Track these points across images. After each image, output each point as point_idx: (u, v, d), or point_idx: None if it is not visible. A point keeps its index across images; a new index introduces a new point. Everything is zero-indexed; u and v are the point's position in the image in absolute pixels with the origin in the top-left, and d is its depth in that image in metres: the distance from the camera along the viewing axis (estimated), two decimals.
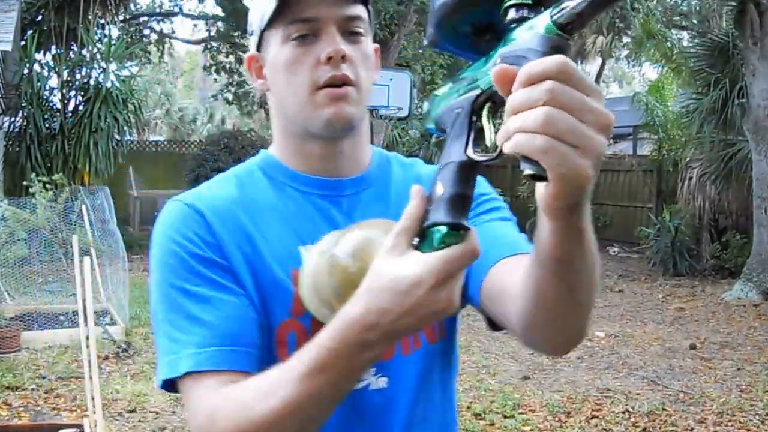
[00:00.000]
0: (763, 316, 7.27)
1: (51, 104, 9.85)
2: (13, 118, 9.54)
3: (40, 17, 10.33)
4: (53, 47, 10.26)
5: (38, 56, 10.04)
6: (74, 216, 6.39)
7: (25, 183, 7.04)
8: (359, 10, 0.89)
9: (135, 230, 11.63)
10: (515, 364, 5.54)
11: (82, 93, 9.84)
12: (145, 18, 14.11)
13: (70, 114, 9.75)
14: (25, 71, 9.42)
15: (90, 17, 10.16)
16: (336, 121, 0.87)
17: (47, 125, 9.50)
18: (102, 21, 11.01)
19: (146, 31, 14.05)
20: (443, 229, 0.64)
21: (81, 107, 9.73)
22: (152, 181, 13.02)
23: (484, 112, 0.66)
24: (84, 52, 10.12)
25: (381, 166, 0.99)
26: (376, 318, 0.65)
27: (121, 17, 12.12)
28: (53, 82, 9.89)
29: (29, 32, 9.86)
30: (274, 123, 0.97)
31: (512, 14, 0.61)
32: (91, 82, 9.83)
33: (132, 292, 6.77)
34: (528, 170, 0.57)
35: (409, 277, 0.64)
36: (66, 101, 9.81)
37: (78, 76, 9.96)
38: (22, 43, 9.56)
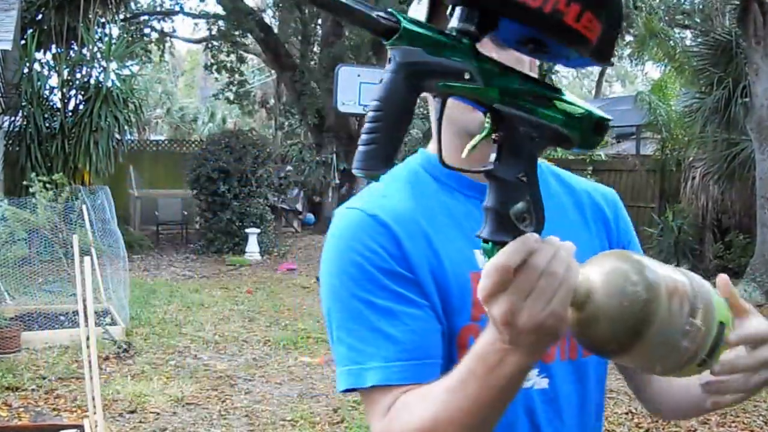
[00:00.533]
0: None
1: (51, 103, 9.85)
2: (13, 118, 9.54)
3: (40, 16, 10.32)
4: (53, 46, 10.25)
5: (38, 55, 10.03)
6: (74, 216, 6.42)
7: (25, 183, 7.04)
8: None
9: (135, 230, 11.64)
10: None
11: (83, 92, 9.84)
12: (146, 17, 14.11)
13: (70, 113, 9.75)
14: (26, 70, 9.41)
15: (90, 16, 10.15)
16: None
17: (47, 125, 9.49)
18: (102, 20, 11.00)
19: (147, 30, 14.04)
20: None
21: (81, 106, 9.74)
22: (153, 180, 13.05)
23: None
24: (84, 51, 10.11)
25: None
26: (494, 330, 0.69)
27: (121, 16, 12.11)
28: (53, 81, 9.90)
29: (29, 31, 9.85)
30: (436, 124, 1.00)
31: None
32: (92, 81, 9.84)
33: (132, 292, 6.81)
34: (358, 173, 0.61)
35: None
36: (66, 100, 9.81)
37: (78, 76, 9.96)
38: (23, 42, 9.55)
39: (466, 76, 0.62)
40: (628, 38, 13.49)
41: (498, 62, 0.65)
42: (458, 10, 0.63)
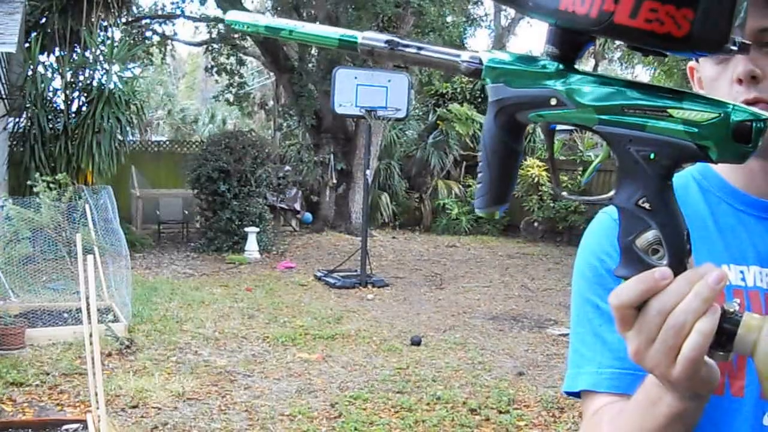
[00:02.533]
0: None
1: (54, 105, 9.82)
2: (17, 119, 9.54)
3: (44, 20, 10.35)
4: (57, 49, 10.28)
5: (42, 58, 10.03)
6: (78, 215, 6.40)
7: (29, 182, 7.06)
8: None
9: (137, 229, 11.67)
10: (510, 361, 5.62)
11: (86, 94, 9.84)
12: (147, 20, 14.14)
13: (73, 115, 9.77)
14: (29, 73, 9.43)
15: (93, 20, 10.20)
16: None
17: (51, 126, 9.50)
18: (105, 23, 11.04)
19: (148, 33, 14.07)
20: None
21: (84, 108, 9.74)
22: (154, 180, 13.08)
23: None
24: (87, 53, 10.14)
25: None
26: None
27: (123, 19, 12.16)
28: (57, 83, 9.88)
29: (33, 34, 9.90)
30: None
31: None
32: (94, 83, 9.85)
33: (134, 290, 6.79)
34: (478, 211, 0.62)
35: None
36: (69, 102, 9.81)
37: (81, 78, 9.96)
38: (26, 45, 9.59)
39: (553, 102, 0.58)
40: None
41: (597, 76, 0.58)
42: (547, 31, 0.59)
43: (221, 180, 10.17)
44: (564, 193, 0.64)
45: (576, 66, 0.59)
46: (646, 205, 0.58)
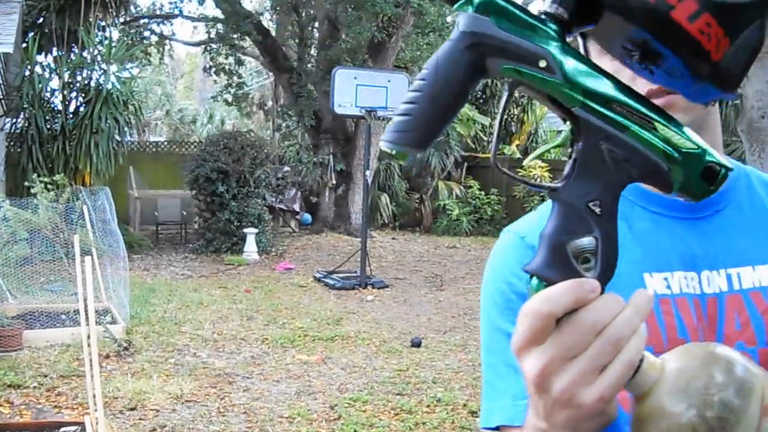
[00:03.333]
0: None
1: (52, 105, 9.86)
2: (14, 120, 9.57)
3: (41, 20, 10.39)
4: (54, 49, 10.32)
5: (39, 58, 10.07)
6: (75, 216, 6.42)
7: (26, 183, 7.09)
8: None
9: (135, 230, 11.68)
10: None
11: (83, 94, 9.87)
12: (146, 20, 14.16)
13: (71, 115, 9.79)
14: (27, 73, 9.45)
15: (91, 19, 10.22)
16: None
17: (48, 126, 9.53)
18: (102, 23, 11.06)
19: (146, 33, 14.10)
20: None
21: (82, 108, 9.77)
22: (153, 181, 13.08)
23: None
24: (85, 54, 10.17)
25: (738, 181, 0.86)
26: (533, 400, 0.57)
27: (121, 19, 12.19)
28: (54, 83, 9.91)
29: (30, 34, 9.93)
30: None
31: None
32: (92, 83, 9.88)
33: (132, 291, 6.81)
34: (385, 145, 0.52)
35: None
36: (67, 102, 9.84)
37: (79, 78, 9.99)
38: (24, 45, 9.63)
39: (542, 65, 0.50)
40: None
41: (590, 61, 0.52)
42: None
43: (220, 181, 10.17)
44: (498, 165, 0.56)
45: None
46: (597, 209, 0.52)
